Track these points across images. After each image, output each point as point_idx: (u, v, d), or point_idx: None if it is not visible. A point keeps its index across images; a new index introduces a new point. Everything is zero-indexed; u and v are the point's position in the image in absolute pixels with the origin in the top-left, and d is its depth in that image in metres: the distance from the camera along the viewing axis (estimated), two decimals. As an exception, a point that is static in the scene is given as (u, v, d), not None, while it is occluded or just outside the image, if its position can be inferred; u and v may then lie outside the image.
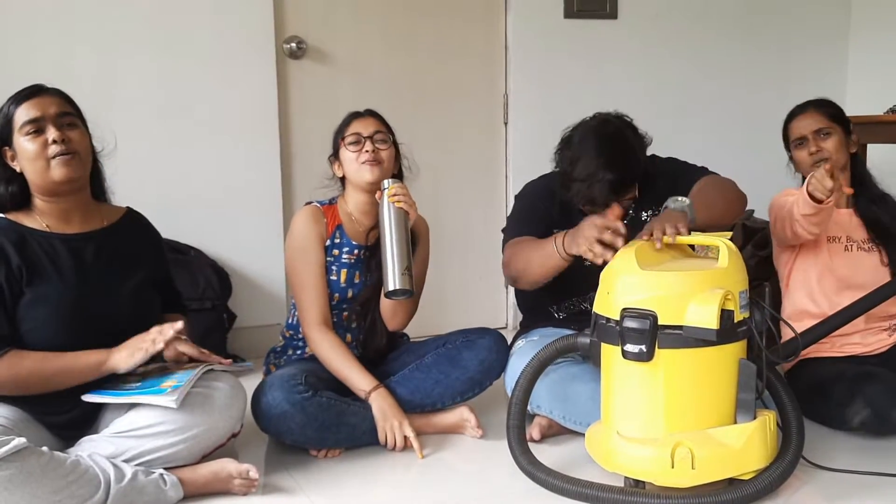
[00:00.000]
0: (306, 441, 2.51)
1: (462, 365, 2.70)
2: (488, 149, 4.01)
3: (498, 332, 2.77)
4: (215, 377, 2.32)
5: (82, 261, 2.28)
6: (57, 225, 2.28)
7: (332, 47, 3.69)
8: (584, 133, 2.65)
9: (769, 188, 2.92)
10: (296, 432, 2.48)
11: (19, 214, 2.27)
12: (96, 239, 2.33)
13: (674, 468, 2.06)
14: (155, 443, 2.18)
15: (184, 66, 3.44)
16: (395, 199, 2.54)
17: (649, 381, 2.12)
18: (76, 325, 2.23)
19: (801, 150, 2.87)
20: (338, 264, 2.70)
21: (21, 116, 2.21)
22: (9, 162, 2.25)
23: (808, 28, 4.43)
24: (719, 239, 2.25)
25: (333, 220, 2.73)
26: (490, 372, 2.72)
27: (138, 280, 2.37)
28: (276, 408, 2.45)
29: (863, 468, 2.35)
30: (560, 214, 2.71)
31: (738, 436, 2.11)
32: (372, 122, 2.74)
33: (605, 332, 2.18)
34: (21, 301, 2.20)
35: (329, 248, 2.70)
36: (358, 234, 2.74)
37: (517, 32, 3.93)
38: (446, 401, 2.71)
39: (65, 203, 2.29)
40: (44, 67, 3.20)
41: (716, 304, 2.02)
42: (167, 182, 3.45)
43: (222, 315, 3.44)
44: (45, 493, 1.96)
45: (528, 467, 2.28)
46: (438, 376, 2.69)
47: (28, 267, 2.20)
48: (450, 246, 3.87)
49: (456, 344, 2.74)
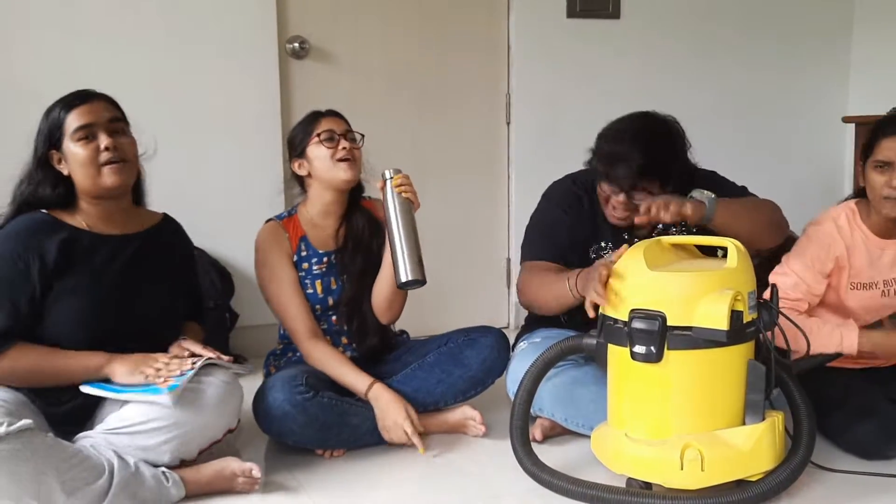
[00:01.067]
0: (308, 442, 2.51)
1: (464, 364, 2.69)
2: (491, 148, 4.00)
3: (500, 331, 2.77)
4: (211, 373, 2.32)
5: (118, 262, 2.31)
6: (98, 225, 2.31)
7: (334, 47, 3.68)
8: (630, 116, 2.62)
9: (774, 187, 2.92)
10: (297, 433, 2.47)
11: (61, 212, 2.29)
12: (134, 242, 2.36)
13: (683, 470, 2.05)
14: (148, 440, 2.18)
15: (186, 65, 3.44)
16: (401, 190, 2.51)
17: (658, 383, 2.11)
18: (100, 322, 2.26)
19: (880, 174, 2.48)
20: (310, 277, 2.68)
21: (73, 122, 2.23)
22: (55, 165, 2.26)
23: (810, 29, 4.42)
24: (728, 240, 2.24)
25: (295, 232, 2.70)
26: (492, 371, 2.71)
27: (167, 286, 2.41)
28: (278, 409, 2.44)
29: (865, 469, 2.35)
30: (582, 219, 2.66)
31: (747, 437, 2.10)
32: (341, 121, 2.70)
33: (613, 334, 2.17)
34: (49, 295, 2.22)
35: (297, 262, 2.68)
36: (323, 240, 2.71)
37: (520, 32, 3.93)
38: (449, 400, 2.70)
39: (109, 206, 2.32)
40: (46, 67, 3.20)
41: (726, 305, 2.01)
42: (169, 181, 3.37)
43: (225, 314, 3.45)
44: (51, 471, 1.98)
45: (532, 469, 2.26)
46: (441, 375, 2.68)
47: (64, 263, 2.22)
48: (452, 245, 3.87)
49: (458, 343, 2.73)
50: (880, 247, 2.58)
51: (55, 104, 2.27)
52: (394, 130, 3.78)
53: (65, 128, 2.23)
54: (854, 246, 2.57)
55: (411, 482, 2.41)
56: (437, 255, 2.84)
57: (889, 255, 2.59)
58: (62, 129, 2.24)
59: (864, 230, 2.59)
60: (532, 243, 2.74)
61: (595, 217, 2.68)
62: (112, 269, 2.29)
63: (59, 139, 2.24)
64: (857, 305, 2.60)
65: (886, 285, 2.59)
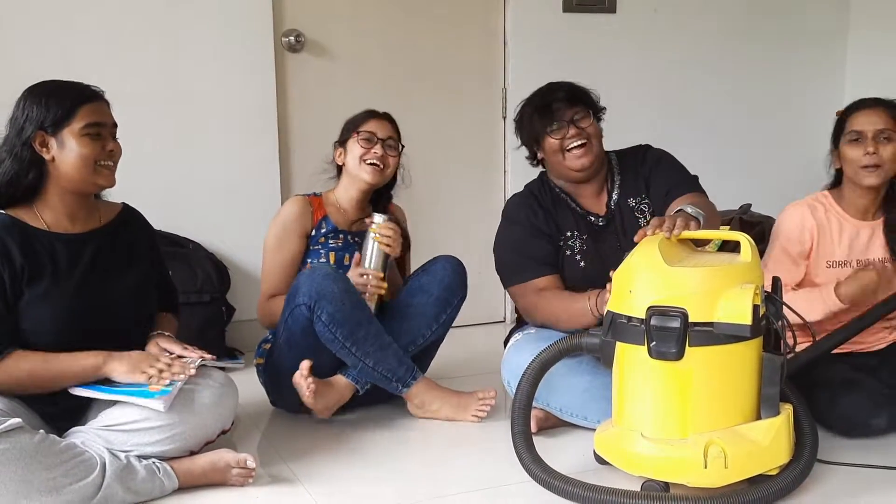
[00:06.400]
0: (335, 325, 2.56)
1: (425, 290, 2.78)
2: (487, 143, 3.99)
3: (450, 256, 2.85)
4: (204, 374, 2.32)
5: (81, 261, 2.28)
6: (58, 223, 2.28)
7: (330, 41, 3.66)
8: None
9: (766, 183, 2.94)
10: (335, 304, 2.55)
11: (19, 211, 2.25)
12: (95, 239, 2.33)
13: (707, 468, 2.03)
14: (142, 438, 2.17)
15: (182, 59, 3.41)
16: (381, 241, 2.69)
17: (677, 380, 2.08)
18: (75, 325, 2.24)
19: (854, 148, 2.62)
20: (325, 249, 2.82)
21: (85, 116, 2.22)
22: (37, 146, 2.21)
23: (807, 25, 4.42)
24: (740, 234, 2.25)
25: (320, 210, 2.84)
26: (454, 290, 2.80)
27: (136, 277, 2.38)
28: (319, 271, 2.59)
29: (859, 461, 2.35)
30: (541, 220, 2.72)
31: (766, 431, 2.09)
32: (388, 126, 2.85)
33: (625, 332, 2.13)
34: (21, 300, 2.19)
35: (315, 236, 2.83)
36: (344, 221, 2.86)
37: (516, 26, 3.91)
38: (424, 329, 2.76)
39: (77, 201, 2.30)
40: (43, 60, 3.15)
41: (749, 300, 2.00)
42: (165, 175, 3.41)
43: (221, 308, 3.41)
44: (39, 470, 1.97)
45: (542, 475, 2.17)
46: (406, 309, 2.76)
47: (30, 266, 2.20)
48: (447, 240, 3.85)
49: (415, 276, 2.86)
50: (857, 227, 2.69)
51: (57, 88, 2.23)
52: (390, 124, 3.76)
53: (73, 118, 2.20)
54: (828, 226, 2.68)
55: (408, 474, 2.40)
56: (433, 248, 2.85)
57: (865, 235, 2.68)
58: (69, 119, 2.19)
59: (839, 212, 2.70)
60: (511, 266, 2.76)
61: (554, 212, 2.74)
62: (78, 269, 2.26)
63: (59, 125, 2.19)
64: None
65: (860, 265, 2.66)
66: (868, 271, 2.56)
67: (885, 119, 2.61)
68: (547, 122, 2.69)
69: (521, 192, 2.86)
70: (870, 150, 2.59)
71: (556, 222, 2.72)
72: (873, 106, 2.65)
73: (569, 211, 2.75)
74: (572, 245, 2.70)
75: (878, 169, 2.60)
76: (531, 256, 2.69)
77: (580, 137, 2.66)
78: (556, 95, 2.69)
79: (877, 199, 2.69)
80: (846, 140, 2.65)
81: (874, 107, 2.64)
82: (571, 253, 2.69)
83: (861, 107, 2.66)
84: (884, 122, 2.61)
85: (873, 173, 2.61)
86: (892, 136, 2.61)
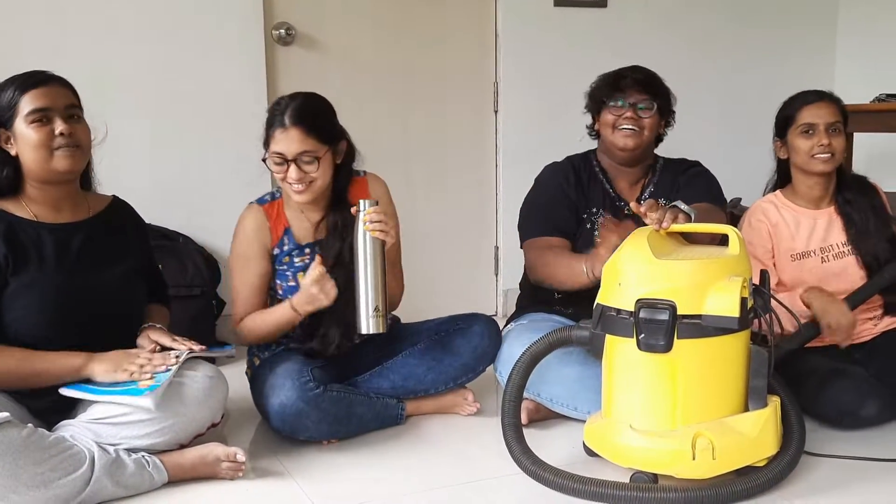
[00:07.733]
0: (321, 436, 2.49)
1: (455, 352, 2.69)
2: (478, 136, 3.99)
3: (489, 318, 2.77)
4: (194, 367, 2.31)
5: (69, 251, 2.26)
6: (45, 214, 2.26)
7: (321, 34, 3.65)
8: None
9: (758, 173, 2.95)
10: (311, 429, 2.46)
11: (5, 202, 2.25)
12: (83, 229, 2.31)
13: (695, 459, 2.04)
14: (131, 431, 2.17)
15: (172, 51, 3.40)
16: (372, 228, 2.42)
17: (666, 373, 2.10)
18: (61, 316, 2.23)
19: (806, 139, 2.74)
20: (292, 269, 2.62)
21: (28, 104, 2.17)
22: (2, 144, 2.21)
23: (797, 16, 4.45)
24: (728, 227, 2.26)
25: (279, 222, 2.61)
26: (483, 357, 2.72)
27: (124, 269, 2.37)
28: (292, 407, 2.41)
29: (846, 454, 2.36)
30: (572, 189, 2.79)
31: (753, 423, 2.11)
32: (298, 135, 2.45)
33: (615, 324, 2.14)
34: (6, 291, 2.18)
35: (279, 256, 2.61)
36: (307, 231, 2.62)
37: (507, 20, 3.91)
38: (440, 386, 2.70)
39: (57, 191, 2.27)
40: (34, 53, 3.13)
41: (737, 293, 2.02)
42: (155, 169, 3.41)
43: (211, 302, 3.41)
44: (28, 465, 1.96)
45: (532, 467, 2.17)
46: (431, 363, 2.68)
47: (14, 256, 2.19)
48: (440, 233, 3.86)
49: (448, 331, 2.73)
50: (813, 217, 2.81)
51: (8, 82, 2.21)
52: (381, 118, 3.76)
53: (18, 108, 2.17)
54: (783, 223, 2.81)
55: (398, 467, 2.40)
56: (425, 243, 2.84)
57: (822, 223, 2.80)
58: (14, 109, 2.17)
59: (793, 207, 2.83)
60: (531, 221, 2.82)
61: (586, 185, 2.81)
62: (66, 260, 2.25)
63: (9, 119, 2.18)
64: (804, 275, 2.75)
65: (823, 252, 2.78)
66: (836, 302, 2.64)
67: (834, 112, 2.77)
68: (611, 96, 2.75)
69: (561, 161, 2.90)
70: (824, 143, 2.72)
71: (587, 195, 2.80)
72: (823, 99, 2.79)
73: (601, 190, 2.81)
74: (594, 220, 2.77)
75: (831, 157, 2.73)
76: (552, 220, 2.76)
77: (633, 123, 2.72)
78: (633, 76, 2.76)
79: (829, 187, 2.82)
80: (797, 132, 2.78)
81: (824, 100, 2.79)
82: (591, 227, 2.76)
83: (811, 101, 2.79)
84: (833, 115, 2.76)
85: (826, 160, 2.73)
86: (839, 128, 2.76)
